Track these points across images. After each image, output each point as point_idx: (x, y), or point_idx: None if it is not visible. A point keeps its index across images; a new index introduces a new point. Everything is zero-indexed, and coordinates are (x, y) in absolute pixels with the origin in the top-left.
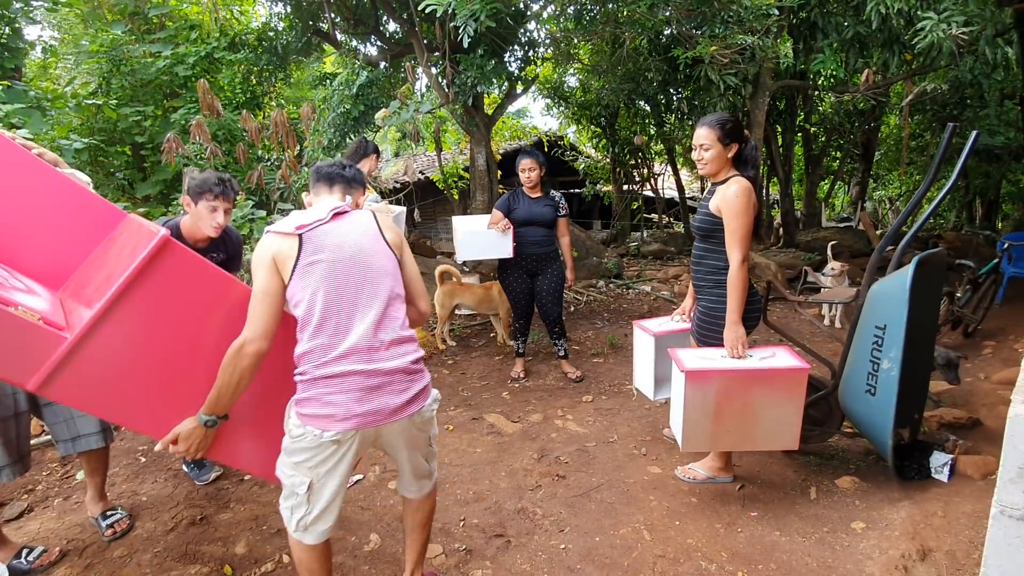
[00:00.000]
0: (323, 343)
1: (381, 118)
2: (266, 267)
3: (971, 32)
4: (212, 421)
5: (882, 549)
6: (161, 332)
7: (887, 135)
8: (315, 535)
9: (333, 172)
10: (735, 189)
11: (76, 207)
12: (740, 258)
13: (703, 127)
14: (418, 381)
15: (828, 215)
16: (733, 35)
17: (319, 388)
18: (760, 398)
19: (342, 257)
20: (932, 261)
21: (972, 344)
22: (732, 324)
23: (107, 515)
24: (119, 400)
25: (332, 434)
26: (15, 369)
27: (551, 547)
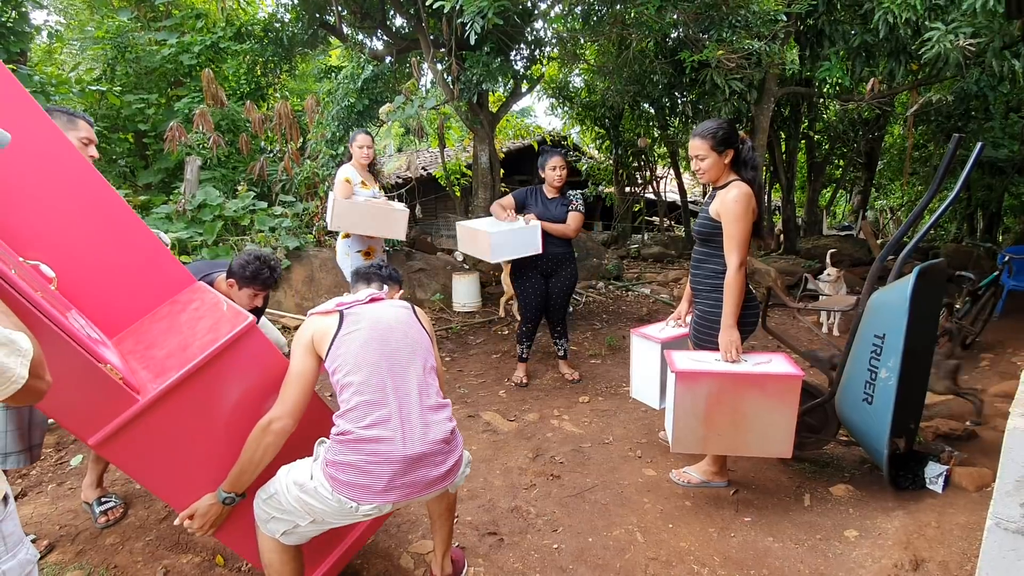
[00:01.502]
0: (367, 400)
1: (385, 113)
2: (303, 348)
3: (978, 44)
4: (231, 498)
5: (875, 558)
6: (218, 410)
7: (891, 145)
8: (298, 539)
9: (371, 272)
10: (734, 194)
11: (149, 260)
12: (738, 262)
13: (696, 138)
14: (454, 451)
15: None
16: (740, 40)
17: (362, 453)
18: (752, 403)
19: (380, 327)
20: (933, 272)
21: (970, 356)
22: (727, 328)
23: (102, 501)
24: (161, 470)
25: (368, 507)
26: (82, 422)
27: (544, 546)
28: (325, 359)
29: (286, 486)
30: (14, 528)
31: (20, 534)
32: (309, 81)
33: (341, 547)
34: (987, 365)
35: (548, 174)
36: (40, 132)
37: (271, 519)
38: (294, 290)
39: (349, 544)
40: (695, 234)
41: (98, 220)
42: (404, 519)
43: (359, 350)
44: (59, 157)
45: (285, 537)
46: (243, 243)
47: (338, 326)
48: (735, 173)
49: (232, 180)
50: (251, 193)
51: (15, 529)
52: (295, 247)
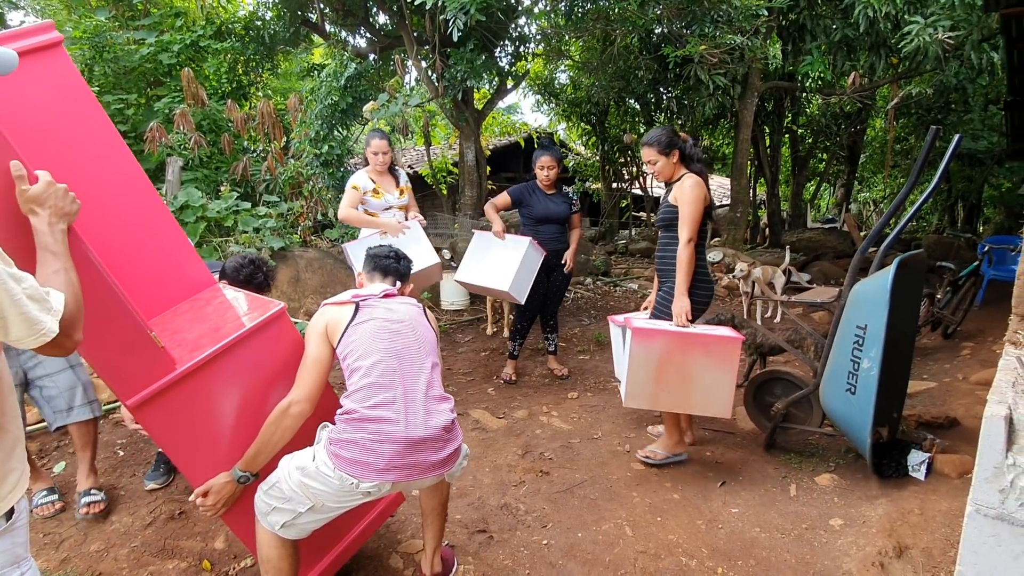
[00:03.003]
0: (374, 382)
1: (369, 111)
2: (318, 335)
3: (957, 37)
4: (246, 478)
5: (859, 546)
6: (245, 389)
7: (872, 138)
8: (298, 532)
9: (388, 265)
10: (689, 182)
11: (175, 258)
12: (687, 237)
13: (645, 147)
14: (453, 440)
15: (813, 216)
16: (723, 35)
17: (365, 431)
18: (698, 362)
19: (393, 320)
20: (913, 263)
21: (951, 345)
22: (679, 296)
23: (89, 493)
24: (187, 441)
25: (369, 484)
26: (125, 382)
27: (533, 543)
28: (337, 346)
29: (288, 472)
30: (8, 546)
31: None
32: (292, 79)
33: (336, 549)
34: (968, 354)
35: (537, 172)
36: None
37: (272, 511)
38: (280, 291)
39: (344, 547)
40: (659, 224)
41: (136, 212)
42: (393, 519)
43: (371, 338)
44: (111, 153)
45: (285, 530)
46: (227, 244)
47: (352, 315)
48: (685, 168)
49: (215, 180)
50: (234, 193)
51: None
52: (280, 248)
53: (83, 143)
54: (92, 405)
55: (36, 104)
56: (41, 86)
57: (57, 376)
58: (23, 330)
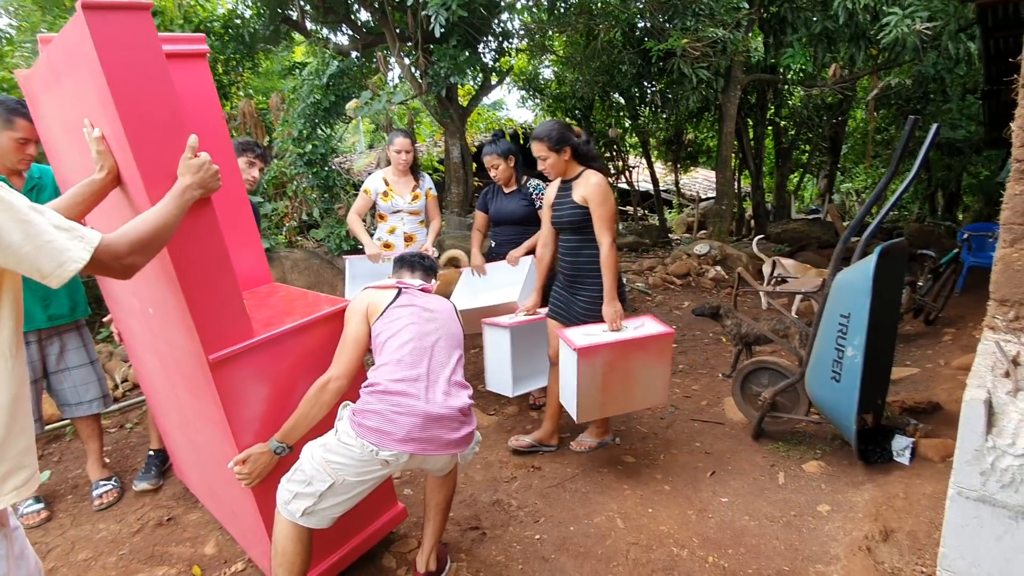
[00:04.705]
0: (401, 359)
1: (352, 109)
2: (359, 316)
3: (934, 27)
4: (282, 448)
5: (846, 531)
6: (302, 371)
7: (854, 129)
8: (319, 520)
9: (415, 261)
10: (596, 179)
11: (253, 253)
12: (610, 240)
13: (534, 142)
14: (469, 424)
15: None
16: (704, 28)
17: (387, 403)
18: (638, 363)
19: (428, 309)
20: (894, 251)
21: (933, 332)
22: (611, 300)
23: (99, 484)
24: (246, 408)
25: (388, 453)
26: (212, 337)
27: (526, 538)
28: (374, 324)
29: (311, 453)
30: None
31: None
32: (273, 78)
33: (335, 555)
34: (950, 339)
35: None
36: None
37: (293, 497)
38: None
39: (344, 554)
40: (563, 226)
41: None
42: None
43: (407, 320)
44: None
45: (306, 518)
46: None
47: (394, 298)
48: (582, 165)
49: None
50: None
51: None
52: (266, 248)
53: (211, 137)
54: (105, 399)
55: (189, 99)
56: (191, 85)
57: (75, 371)
58: (50, 262)
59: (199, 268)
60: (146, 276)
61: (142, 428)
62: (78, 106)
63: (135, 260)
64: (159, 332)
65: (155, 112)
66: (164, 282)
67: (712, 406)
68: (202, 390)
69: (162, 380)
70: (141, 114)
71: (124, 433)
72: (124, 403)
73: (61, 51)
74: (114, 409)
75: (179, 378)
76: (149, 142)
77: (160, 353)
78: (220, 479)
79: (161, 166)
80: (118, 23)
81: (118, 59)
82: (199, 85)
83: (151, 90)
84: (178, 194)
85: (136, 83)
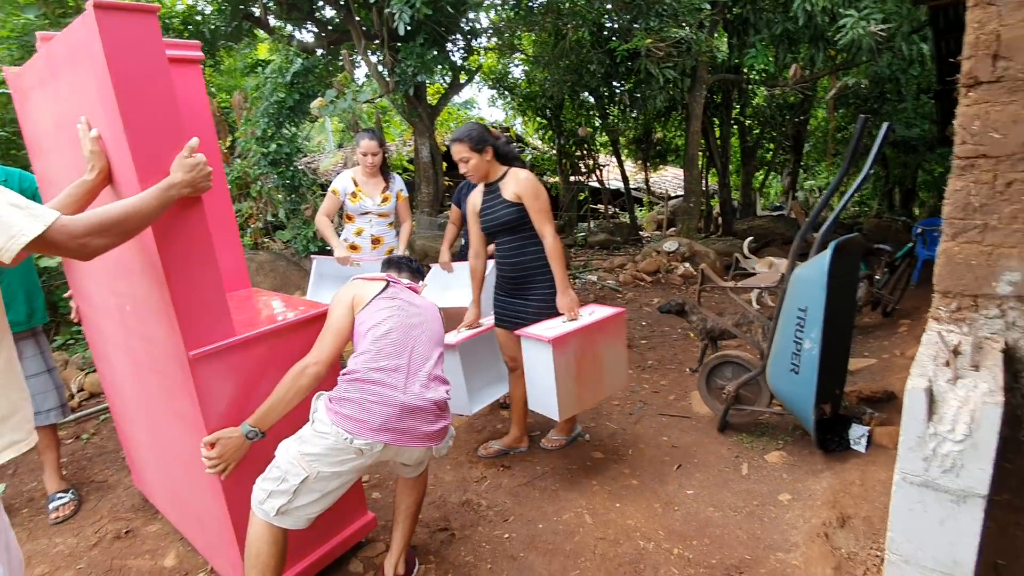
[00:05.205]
0: (382, 349)
1: (317, 107)
2: (344, 306)
3: (889, 29)
4: (254, 433)
5: (805, 518)
6: (280, 370)
7: (815, 128)
8: (295, 520)
9: (403, 263)
10: (525, 175)
11: (234, 257)
12: (553, 231)
13: (455, 144)
14: (445, 418)
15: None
16: (667, 28)
17: (365, 391)
18: (602, 346)
19: (413, 304)
20: (849, 246)
21: (890, 323)
22: (565, 290)
23: (56, 497)
24: (222, 405)
25: (363, 442)
26: (195, 332)
27: (495, 537)
28: (359, 314)
29: (285, 448)
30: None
31: None
32: (236, 76)
33: (303, 562)
34: (905, 330)
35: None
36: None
37: (268, 496)
38: None
39: (312, 561)
40: (497, 228)
41: (220, 210)
42: None
43: (391, 312)
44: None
45: (281, 518)
46: None
47: (381, 290)
48: (504, 165)
49: None
50: None
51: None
52: None
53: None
54: (63, 409)
55: (184, 103)
56: (185, 90)
57: (32, 380)
58: (2, 235)
59: (185, 264)
60: (127, 271)
61: (99, 439)
62: (75, 103)
63: (91, 241)
64: (136, 329)
65: (155, 113)
66: (148, 276)
67: (679, 400)
68: (178, 387)
69: (132, 382)
70: (142, 114)
71: (81, 444)
72: (81, 413)
73: (63, 48)
74: (71, 419)
75: (153, 377)
76: (148, 142)
77: (134, 352)
78: (187, 483)
79: (157, 166)
80: (127, 24)
81: (124, 59)
82: (193, 90)
83: (153, 92)
84: (163, 188)
85: (139, 84)
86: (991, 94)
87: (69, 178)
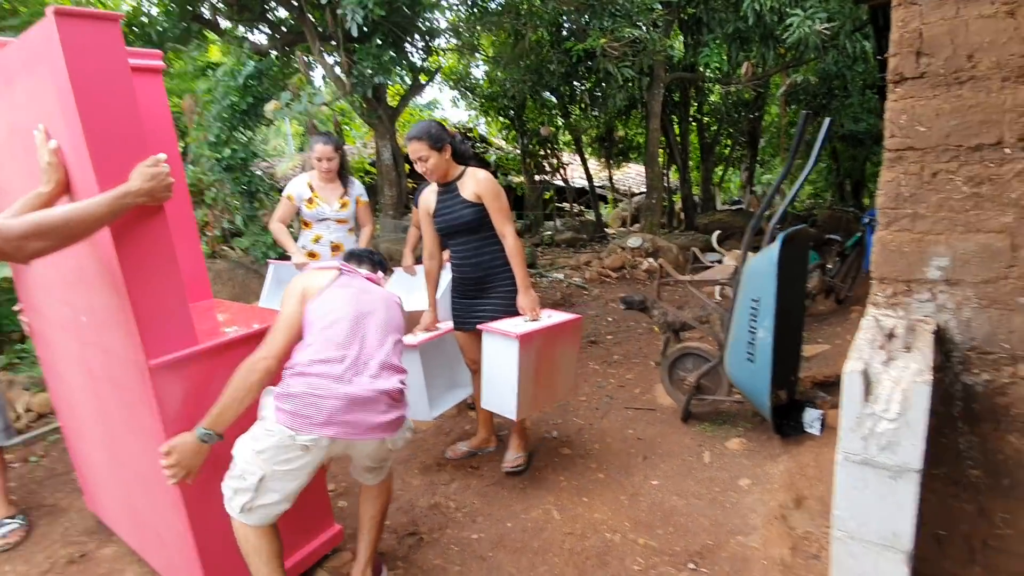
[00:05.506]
0: (328, 339)
1: (271, 110)
2: (296, 297)
3: (833, 28)
4: (208, 435)
5: (764, 502)
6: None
7: (769, 123)
8: (259, 518)
9: (364, 255)
10: (484, 174)
11: (196, 268)
12: (514, 230)
13: (413, 141)
14: (398, 408)
15: (723, 199)
16: (620, 28)
17: (306, 385)
18: (561, 348)
19: (368, 295)
20: (797, 238)
21: (842, 310)
22: (527, 289)
23: (3, 523)
24: (184, 415)
25: (306, 438)
26: (156, 340)
27: (463, 539)
28: (308, 305)
29: (240, 445)
30: None
31: None
32: (187, 79)
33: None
34: (857, 316)
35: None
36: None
37: (233, 494)
38: None
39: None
40: (455, 230)
41: (182, 220)
42: None
43: (341, 302)
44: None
45: (246, 515)
46: None
47: (332, 280)
48: (460, 164)
49: None
50: None
51: None
52: None
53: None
54: (7, 431)
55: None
56: (147, 99)
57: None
58: None
59: (146, 272)
60: (85, 281)
61: (49, 461)
62: (32, 112)
63: (28, 244)
64: (92, 341)
65: (117, 122)
66: (107, 285)
67: (645, 393)
68: (137, 399)
69: (87, 397)
70: (103, 123)
71: (29, 467)
72: (29, 435)
73: (19, 54)
74: (17, 442)
75: (110, 390)
76: (109, 151)
77: (89, 365)
78: (146, 501)
79: (119, 176)
80: (88, 32)
81: (86, 67)
82: (154, 100)
83: (115, 101)
84: (117, 195)
85: (101, 92)
86: (916, 89)
87: (23, 188)
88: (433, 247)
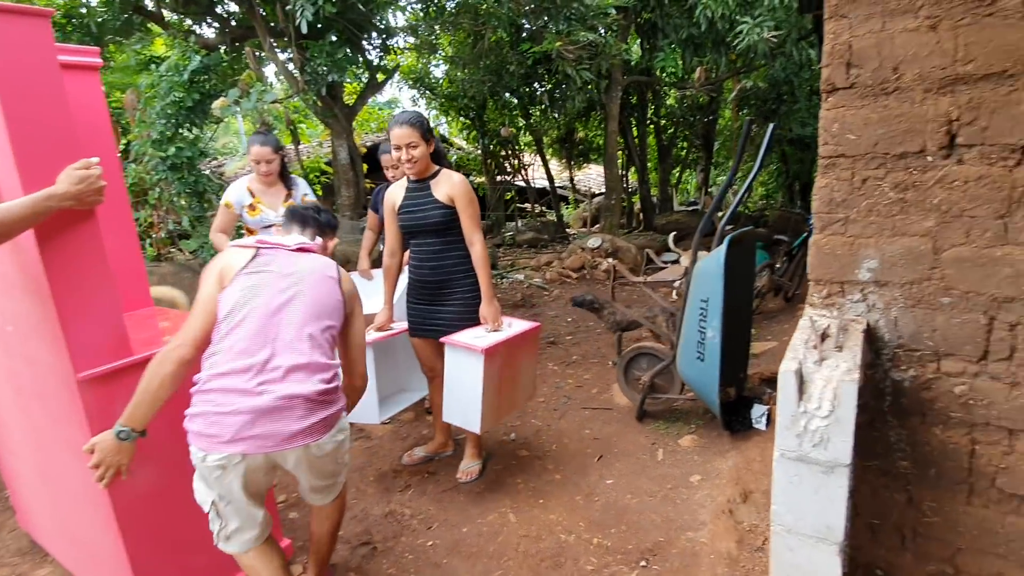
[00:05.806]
0: (232, 346)
1: (219, 108)
2: (213, 277)
3: (780, 35)
4: (126, 433)
5: (713, 497)
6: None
7: (723, 127)
8: (239, 545)
9: (308, 215)
10: (459, 178)
11: (135, 274)
12: (482, 237)
13: (405, 126)
14: (320, 410)
15: (680, 200)
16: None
17: (209, 404)
18: (521, 357)
19: (285, 275)
20: (743, 240)
21: (790, 308)
22: (490, 299)
23: None
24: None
25: (216, 457)
26: (88, 352)
27: (418, 546)
28: (222, 292)
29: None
30: None
31: None
32: (130, 73)
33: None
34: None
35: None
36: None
37: (210, 521)
38: None
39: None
40: (421, 229)
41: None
42: None
43: (252, 292)
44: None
45: (227, 544)
46: None
47: (248, 261)
48: (435, 164)
49: None
50: None
51: None
52: None
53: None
54: None
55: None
56: (81, 97)
57: None
58: None
59: (74, 279)
60: (8, 288)
61: None
62: None
63: None
64: (18, 351)
65: (45, 122)
66: (31, 292)
67: (602, 393)
68: (65, 414)
69: (15, 411)
70: (29, 122)
71: None
72: None
73: None
74: None
75: (38, 403)
76: (35, 152)
77: (16, 377)
78: (80, 518)
79: (46, 178)
80: (14, 27)
81: (11, 64)
82: (90, 97)
83: (43, 100)
84: (40, 198)
85: (28, 91)
86: (846, 99)
87: None
88: (395, 245)
